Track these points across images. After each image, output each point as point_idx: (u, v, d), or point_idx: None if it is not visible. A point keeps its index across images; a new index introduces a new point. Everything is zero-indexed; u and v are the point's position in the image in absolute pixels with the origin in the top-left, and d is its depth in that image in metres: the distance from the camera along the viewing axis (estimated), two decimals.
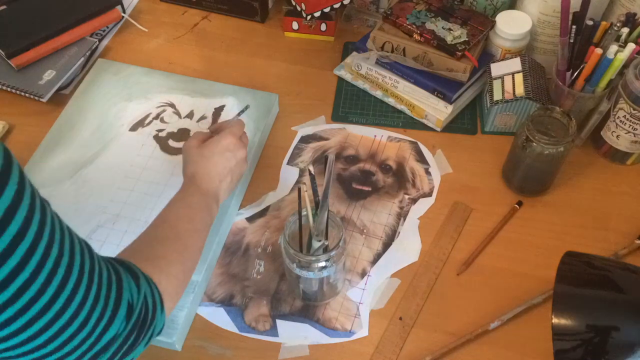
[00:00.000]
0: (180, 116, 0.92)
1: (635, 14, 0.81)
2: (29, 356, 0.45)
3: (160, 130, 0.90)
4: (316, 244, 0.67)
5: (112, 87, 0.95)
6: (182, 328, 0.71)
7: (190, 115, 0.91)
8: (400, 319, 0.73)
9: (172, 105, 0.93)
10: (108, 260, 0.53)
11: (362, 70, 0.95)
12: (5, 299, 0.40)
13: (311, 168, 0.68)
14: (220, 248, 0.79)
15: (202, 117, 0.91)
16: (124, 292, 0.50)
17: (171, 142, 0.89)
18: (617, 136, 0.84)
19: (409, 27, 0.89)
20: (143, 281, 0.54)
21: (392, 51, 0.90)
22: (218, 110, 0.92)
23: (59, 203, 0.80)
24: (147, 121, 0.91)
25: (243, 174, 0.79)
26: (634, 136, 0.82)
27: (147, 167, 0.86)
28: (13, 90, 0.94)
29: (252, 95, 0.92)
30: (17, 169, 0.41)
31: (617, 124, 0.82)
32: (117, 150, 0.88)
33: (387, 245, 0.80)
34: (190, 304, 0.72)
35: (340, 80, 0.99)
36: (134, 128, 0.90)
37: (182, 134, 0.90)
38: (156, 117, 0.92)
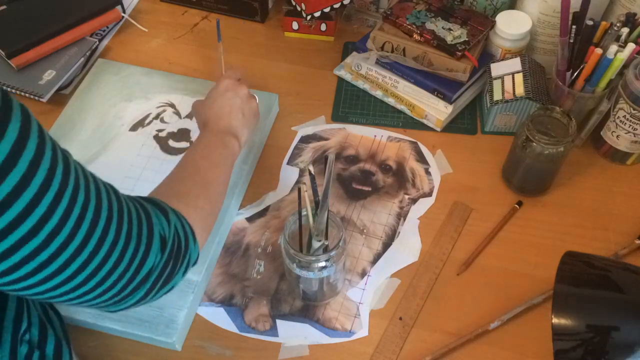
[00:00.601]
0: (180, 116, 0.92)
1: (635, 14, 0.81)
2: (72, 294, 0.48)
3: (160, 130, 0.90)
4: (316, 244, 0.67)
5: (112, 87, 0.95)
6: (182, 328, 0.71)
7: (190, 116, 0.91)
8: (400, 319, 0.73)
9: (172, 105, 0.93)
10: (136, 199, 0.54)
11: (362, 70, 0.95)
12: (37, 244, 0.43)
13: (311, 168, 0.69)
14: (220, 248, 0.79)
15: None
16: (155, 226, 0.52)
17: (171, 142, 0.89)
18: (617, 136, 0.84)
19: (409, 27, 0.89)
20: (172, 215, 0.56)
21: (392, 51, 0.90)
22: None
23: None
24: (147, 121, 0.91)
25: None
26: (634, 136, 0.82)
27: (147, 167, 0.86)
28: (13, 90, 0.94)
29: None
30: (36, 125, 0.43)
31: (617, 124, 0.82)
32: (117, 150, 0.88)
33: (387, 245, 0.80)
34: (190, 304, 0.72)
35: (340, 80, 0.99)
36: (134, 128, 0.90)
37: (182, 134, 0.89)
38: (156, 117, 0.92)
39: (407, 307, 0.74)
